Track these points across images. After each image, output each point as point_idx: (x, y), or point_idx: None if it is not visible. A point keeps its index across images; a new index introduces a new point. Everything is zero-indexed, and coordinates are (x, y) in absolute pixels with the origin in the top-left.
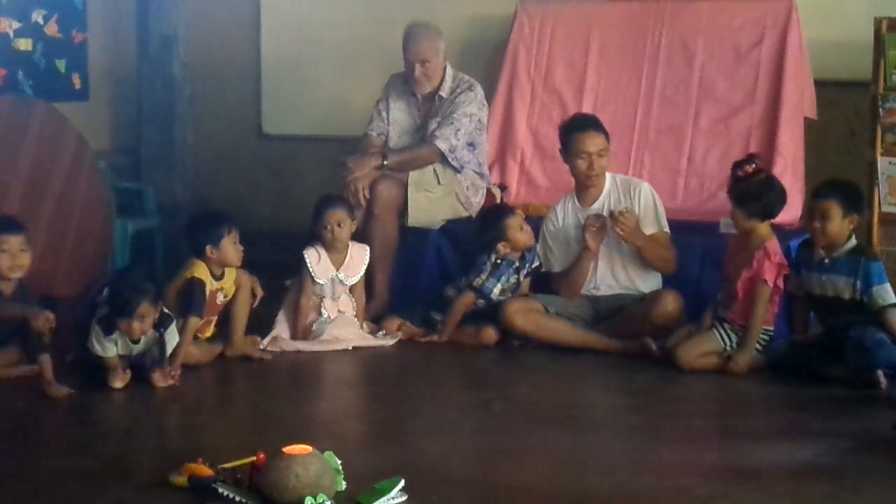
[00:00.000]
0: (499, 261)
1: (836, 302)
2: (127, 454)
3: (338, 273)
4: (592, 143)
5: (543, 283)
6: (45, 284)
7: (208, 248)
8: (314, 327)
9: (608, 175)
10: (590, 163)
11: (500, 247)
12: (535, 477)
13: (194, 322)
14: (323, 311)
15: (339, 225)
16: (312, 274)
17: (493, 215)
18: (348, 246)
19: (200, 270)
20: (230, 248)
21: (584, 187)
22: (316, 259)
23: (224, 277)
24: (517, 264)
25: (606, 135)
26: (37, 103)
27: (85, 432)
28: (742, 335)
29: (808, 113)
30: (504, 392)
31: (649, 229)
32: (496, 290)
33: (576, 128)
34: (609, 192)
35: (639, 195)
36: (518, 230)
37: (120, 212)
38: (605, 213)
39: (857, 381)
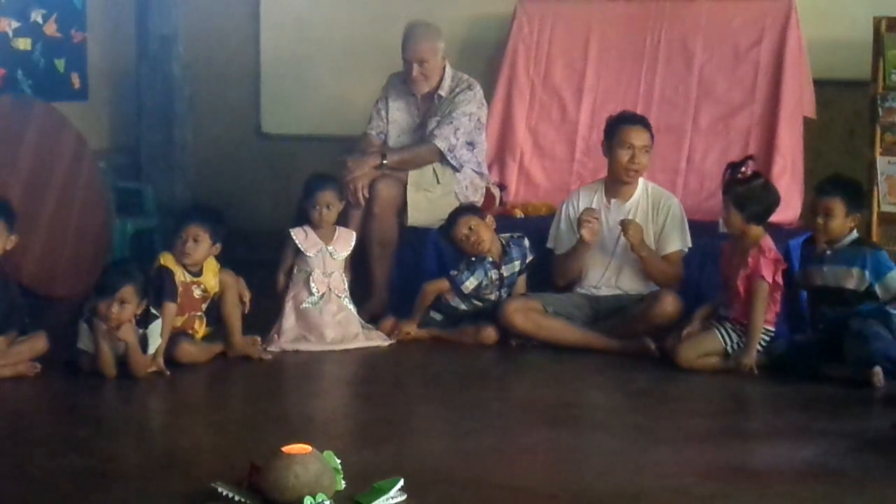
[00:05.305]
0: (472, 258)
1: (838, 292)
2: (125, 454)
3: (327, 247)
4: (638, 136)
5: (541, 282)
6: (44, 284)
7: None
8: (304, 305)
9: (641, 181)
10: (632, 155)
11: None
12: (535, 476)
13: (170, 307)
14: (312, 285)
15: (328, 207)
16: (301, 248)
17: (444, 227)
18: (335, 229)
19: (167, 259)
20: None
21: (618, 182)
22: (303, 236)
23: (202, 274)
24: (491, 259)
25: (652, 137)
26: (36, 103)
27: (83, 432)
28: (744, 334)
29: (808, 112)
30: (503, 391)
31: (672, 245)
32: (468, 284)
33: (625, 120)
34: (639, 199)
35: (668, 209)
36: (466, 241)
37: (119, 211)
38: (630, 217)
39: (856, 374)
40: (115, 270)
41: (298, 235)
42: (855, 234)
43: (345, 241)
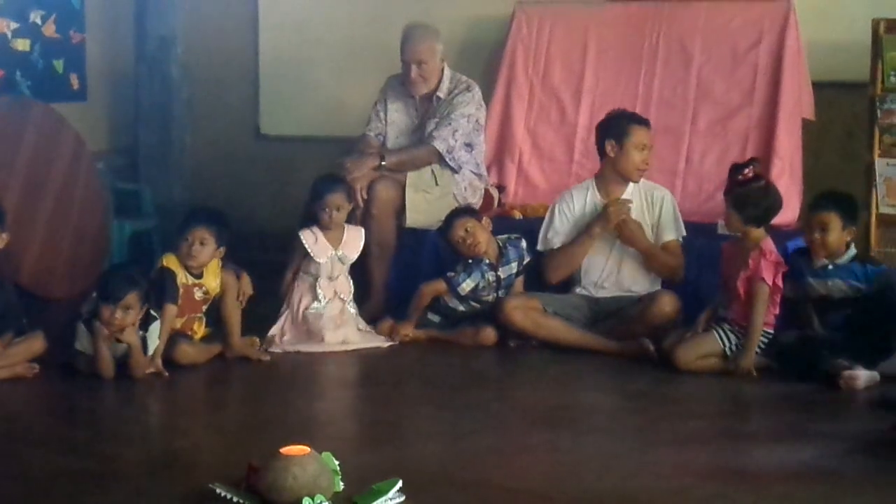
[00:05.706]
0: (469, 260)
1: (840, 301)
2: (123, 455)
3: (336, 252)
4: (650, 137)
5: (539, 284)
6: (42, 285)
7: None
8: (308, 310)
9: None
10: (645, 157)
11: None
12: (533, 478)
13: (170, 309)
14: (318, 291)
15: (337, 209)
16: (311, 253)
17: (441, 229)
18: (344, 228)
19: (170, 261)
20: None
21: (616, 180)
22: (312, 240)
23: (204, 276)
24: (488, 262)
25: None
26: (34, 104)
27: (81, 433)
28: (742, 336)
29: (806, 114)
30: (502, 393)
31: (669, 235)
32: (464, 285)
33: (637, 121)
34: (632, 196)
35: (661, 203)
36: (463, 243)
37: (117, 212)
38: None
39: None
40: (119, 276)
41: (308, 239)
42: (853, 249)
43: (354, 244)
